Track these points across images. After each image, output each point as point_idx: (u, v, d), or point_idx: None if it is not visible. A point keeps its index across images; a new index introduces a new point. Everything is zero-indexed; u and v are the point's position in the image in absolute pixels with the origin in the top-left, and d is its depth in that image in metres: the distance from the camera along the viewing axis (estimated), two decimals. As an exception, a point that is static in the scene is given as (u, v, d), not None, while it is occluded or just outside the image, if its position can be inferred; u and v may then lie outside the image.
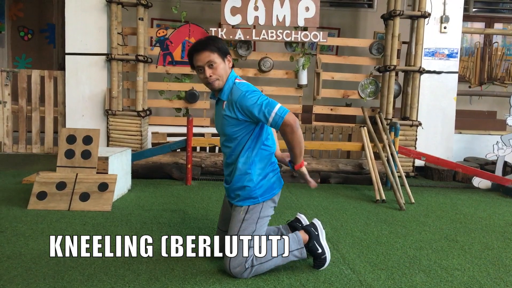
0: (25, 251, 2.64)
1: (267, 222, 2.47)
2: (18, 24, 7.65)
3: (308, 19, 5.41)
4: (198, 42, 2.38)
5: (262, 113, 2.25)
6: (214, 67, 2.35)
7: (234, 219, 2.41)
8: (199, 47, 2.35)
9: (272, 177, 2.47)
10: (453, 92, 5.59)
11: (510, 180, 4.71)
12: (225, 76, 2.39)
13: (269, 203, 2.45)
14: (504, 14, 7.95)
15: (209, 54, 2.34)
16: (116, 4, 5.26)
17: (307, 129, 5.62)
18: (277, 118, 2.23)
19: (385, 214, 3.77)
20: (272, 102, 2.28)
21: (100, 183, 3.66)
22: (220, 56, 2.36)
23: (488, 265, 2.69)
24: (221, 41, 2.42)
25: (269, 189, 2.44)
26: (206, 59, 2.34)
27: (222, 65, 2.36)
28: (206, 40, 2.38)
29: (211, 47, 2.34)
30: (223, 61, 2.37)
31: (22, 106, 5.80)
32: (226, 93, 2.38)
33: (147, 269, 2.44)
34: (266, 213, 2.43)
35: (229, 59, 2.41)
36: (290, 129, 2.24)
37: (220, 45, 2.37)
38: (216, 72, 2.35)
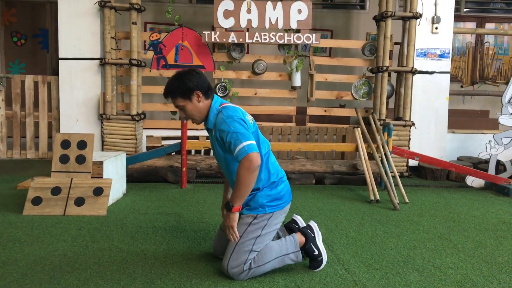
0: (21, 257, 2.65)
1: (275, 230, 2.49)
2: (11, 29, 7.64)
3: (300, 21, 5.43)
4: (164, 88, 2.44)
5: (232, 141, 2.26)
6: (184, 109, 2.43)
7: (241, 222, 2.42)
8: (164, 95, 2.45)
9: (280, 186, 2.48)
10: (446, 92, 5.63)
11: (503, 179, 4.75)
12: (199, 112, 2.43)
13: (280, 212, 2.47)
14: (495, 14, 8.02)
15: (174, 100, 2.42)
16: (109, 8, 5.27)
17: (301, 130, 5.65)
18: (242, 151, 2.22)
19: (380, 214, 3.79)
20: (247, 136, 2.27)
21: (95, 187, 3.67)
22: (184, 99, 2.39)
23: (481, 263, 2.72)
24: (184, 79, 2.39)
25: (278, 199, 2.45)
26: (175, 104, 2.44)
27: (189, 105, 2.40)
28: (168, 87, 2.42)
29: (173, 94, 2.40)
30: (189, 101, 2.39)
31: (16, 112, 5.79)
32: (212, 121, 2.43)
33: (143, 273, 2.45)
34: (275, 221, 2.46)
35: (198, 94, 2.39)
36: (248, 165, 2.21)
37: (180, 88, 2.38)
38: (186, 114, 2.44)
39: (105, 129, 5.39)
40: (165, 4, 6.97)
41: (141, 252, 2.76)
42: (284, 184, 2.52)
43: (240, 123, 2.32)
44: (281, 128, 5.64)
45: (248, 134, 2.29)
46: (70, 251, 2.75)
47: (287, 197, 2.52)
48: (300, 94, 6.18)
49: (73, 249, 2.78)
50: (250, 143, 2.24)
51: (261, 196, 2.42)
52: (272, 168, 2.49)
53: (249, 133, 2.31)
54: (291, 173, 5.00)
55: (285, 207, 2.50)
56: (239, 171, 2.24)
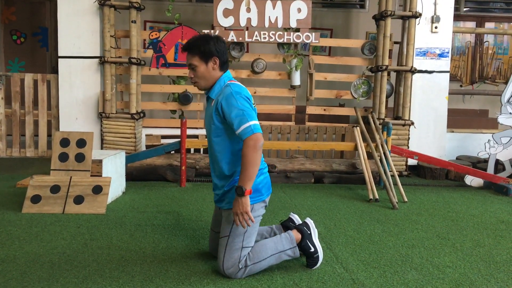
0: (20, 255, 2.65)
1: (259, 221, 2.48)
2: (11, 27, 7.63)
3: (300, 20, 5.43)
4: (186, 42, 2.43)
5: (238, 118, 2.25)
6: (194, 69, 2.40)
7: (225, 221, 2.42)
8: (184, 47, 2.42)
9: (259, 178, 2.44)
10: (445, 91, 5.64)
11: (501, 178, 4.76)
12: (207, 79, 2.42)
13: (260, 204, 2.46)
14: (495, 13, 8.02)
15: (190, 57, 2.40)
16: (109, 7, 5.26)
17: (300, 129, 5.65)
18: (248, 130, 2.23)
19: (378, 213, 3.80)
20: (253, 115, 2.28)
21: (94, 186, 3.67)
22: (201, 59, 2.38)
23: (479, 262, 2.72)
24: (210, 41, 2.39)
25: (257, 191, 2.42)
26: (188, 61, 2.41)
27: (202, 67, 2.39)
28: (192, 41, 2.41)
29: (193, 50, 2.38)
30: (205, 63, 2.39)
31: (16, 110, 5.79)
32: (215, 91, 2.42)
33: (142, 271, 2.45)
34: (257, 213, 2.44)
35: (215, 61, 2.40)
36: (254, 144, 2.21)
37: (204, 47, 2.37)
38: (196, 75, 2.41)
39: (105, 128, 5.40)
40: (165, 2, 6.98)
41: (140, 250, 2.77)
42: (264, 176, 2.49)
43: (247, 101, 2.33)
44: (281, 127, 5.65)
45: (253, 113, 2.31)
46: (69, 249, 2.75)
47: (266, 190, 2.48)
48: (299, 93, 6.18)
49: (72, 247, 2.79)
50: (255, 123, 2.26)
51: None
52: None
53: (254, 112, 2.33)
54: (290, 172, 5.01)
55: (264, 199, 2.48)
56: (245, 150, 2.22)
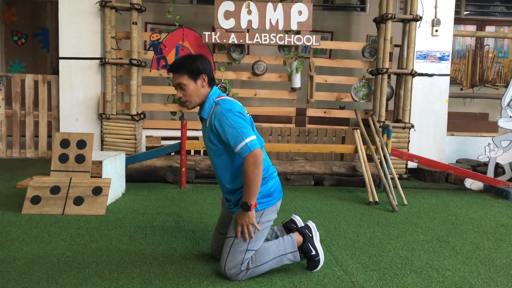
0: (19, 256, 2.65)
1: (268, 226, 2.48)
2: (12, 28, 7.64)
3: (301, 23, 5.44)
4: (172, 63, 2.43)
5: (233, 138, 2.27)
6: (183, 89, 2.40)
7: (235, 222, 2.42)
8: (170, 68, 2.42)
9: (270, 182, 2.46)
10: (445, 95, 5.64)
11: (501, 182, 4.76)
12: (197, 97, 2.42)
13: (271, 209, 2.47)
14: (496, 17, 8.03)
15: (178, 76, 2.40)
16: (110, 8, 5.27)
17: (301, 132, 5.65)
18: (245, 148, 2.25)
19: (378, 215, 3.80)
20: (247, 131, 2.29)
21: (94, 187, 3.67)
22: (190, 78, 2.38)
23: (479, 265, 2.72)
24: (196, 60, 2.40)
25: (268, 196, 2.44)
26: (176, 81, 2.41)
27: (191, 86, 2.39)
28: (179, 61, 2.41)
29: (181, 70, 2.38)
30: (194, 82, 2.39)
31: (16, 111, 5.80)
32: (207, 111, 2.43)
33: (141, 272, 2.45)
34: (268, 218, 2.46)
35: (204, 78, 2.40)
36: (254, 161, 2.24)
37: (191, 66, 2.37)
38: (185, 94, 2.41)
39: (105, 129, 5.40)
40: (166, 4, 6.98)
41: (140, 251, 2.77)
42: (274, 181, 2.50)
43: (239, 116, 2.33)
44: (281, 129, 5.65)
45: (248, 129, 2.30)
46: (68, 250, 2.75)
47: (277, 194, 2.51)
48: (300, 95, 6.19)
49: (71, 248, 2.79)
50: (252, 139, 2.27)
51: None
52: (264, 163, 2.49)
53: (249, 127, 2.33)
54: (291, 174, 5.01)
55: (275, 204, 2.49)
56: (246, 168, 2.25)
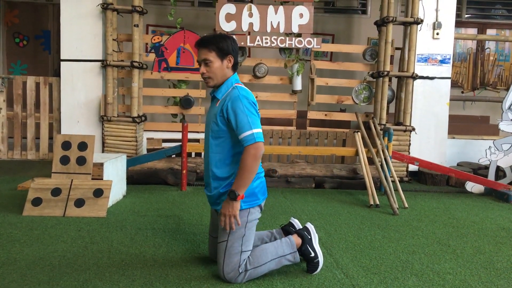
0: (20, 257, 2.65)
1: (255, 224, 2.47)
2: (13, 30, 7.66)
3: (302, 26, 5.45)
4: (202, 38, 2.44)
5: (242, 123, 2.27)
6: (208, 65, 2.40)
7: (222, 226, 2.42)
8: (200, 43, 2.42)
9: (256, 182, 2.44)
10: (446, 98, 5.64)
11: (502, 185, 4.76)
12: (220, 76, 2.42)
13: (256, 208, 2.46)
14: (497, 20, 8.03)
15: (206, 52, 2.39)
16: (112, 10, 5.28)
17: (301, 134, 5.66)
18: (250, 138, 2.25)
19: (379, 218, 3.80)
20: (257, 122, 2.30)
21: (95, 189, 3.67)
22: (217, 56, 2.39)
23: (479, 269, 2.72)
24: (227, 39, 2.42)
25: (253, 195, 2.42)
26: (203, 56, 2.40)
27: (217, 64, 2.39)
28: (210, 37, 2.42)
29: (210, 46, 2.38)
30: (220, 60, 2.40)
31: (17, 113, 5.81)
32: (222, 92, 2.42)
33: (142, 275, 2.45)
34: (253, 216, 2.44)
35: (230, 59, 2.43)
36: (255, 153, 2.25)
37: (221, 44, 2.38)
38: (210, 71, 2.40)
39: (106, 131, 5.40)
40: (167, 6, 7.00)
41: (140, 254, 2.77)
42: (260, 181, 2.49)
43: (253, 107, 2.35)
44: (282, 132, 5.65)
45: (257, 120, 2.32)
46: (69, 252, 2.75)
47: (262, 195, 2.49)
48: (300, 98, 6.19)
49: (72, 250, 2.79)
50: (259, 131, 2.28)
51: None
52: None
53: (258, 119, 2.34)
54: (291, 176, 5.01)
55: (260, 204, 2.48)
56: (245, 157, 2.26)
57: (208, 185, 2.53)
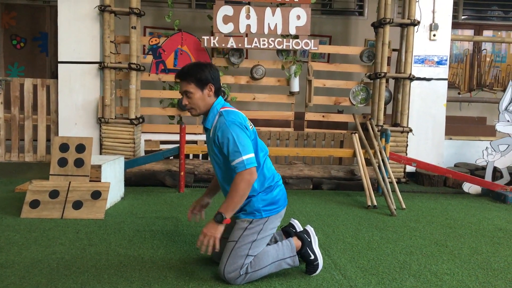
0: (19, 260, 2.65)
1: (271, 234, 2.49)
2: (11, 32, 7.64)
3: (299, 27, 5.46)
4: (181, 70, 2.45)
5: (232, 151, 2.29)
6: (190, 97, 2.42)
7: (237, 226, 2.43)
8: (179, 75, 2.44)
9: (275, 190, 2.48)
10: (443, 99, 5.66)
11: (499, 186, 4.78)
12: (203, 106, 2.44)
13: (276, 216, 2.48)
14: (493, 21, 8.07)
15: (186, 84, 2.41)
16: (109, 12, 5.29)
17: (299, 136, 5.67)
18: (241, 165, 2.27)
19: (376, 219, 3.81)
20: (247, 147, 2.30)
21: (93, 191, 3.68)
22: (197, 86, 2.40)
23: (477, 269, 2.73)
24: (205, 69, 2.42)
25: (273, 204, 2.46)
26: (183, 89, 2.43)
27: (198, 94, 2.41)
28: (188, 69, 2.43)
29: (189, 78, 2.40)
30: (200, 91, 2.41)
31: (15, 115, 5.80)
32: (211, 121, 2.44)
33: (140, 276, 2.45)
34: (272, 225, 2.47)
35: (210, 88, 2.42)
36: (246, 180, 2.26)
37: (199, 75, 2.39)
38: (191, 102, 2.43)
39: (104, 133, 5.40)
40: (165, 8, 7.00)
41: (139, 256, 2.77)
42: (280, 189, 2.53)
43: (242, 130, 2.34)
44: (279, 133, 5.66)
45: (248, 145, 2.31)
46: (67, 254, 2.75)
47: (283, 202, 2.53)
48: (298, 99, 6.20)
49: (70, 252, 2.79)
50: (249, 156, 2.28)
51: (257, 201, 2.42)
52: (268, 172, 2.50)
53: (250, 142, 2.34)
54: (289, 178, 5.02)
55: (280, 212, 2.51)
56: (237, 181, 2.27)
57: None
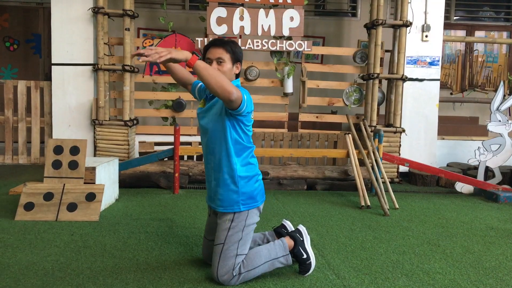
0: (13, 262, 2.65)
1: (253, 229, 2.51)
2: (4, 34, 7.62)
3: (293, 29, 5.49)
4: (219, 39, 2.50)
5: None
6: (221, 64, 2.43)
7: (220, 228, 2.45)
8: (218, 42, 2.47)
9: (256, 184, 2.50)
10: (436, 99, 5.71)
11: (491, 185, 4.82)
12: (228, 77, 2.42)
13: (254, 211, 2.50)
14: (485, 22, 8.14)
15: (223, 51, 2.43)
16: (103, 14, 5.29)
17: (293, 136, 5.69)
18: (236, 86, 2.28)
19: (370, 219, 3.84)
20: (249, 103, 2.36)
21: (88, 193, 3.68)
22: (231, 58, 2.45)
23: (468, 268, 2.76)
24: (239, 48, 2.51)
25: (252, 198, 2.47)
26: (217, 55, 2.43)
27: (229, 65, 2.44)
28: (227, 40, 2.49)
29: (228, 48, 2.44)
30: (232, 64, 2.46)
31: (8, 117, 5.79)
32: None
33: (135, 278, 2.46)
34: (251, 220, 2.48)
35: (238, 66, 2.50)
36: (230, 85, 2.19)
37: (237, 49, 2.47)
38: (221, 69, 2.42)
39: (98, 135, 5.40)
40: (158, 10, 7.01)
41: (134, 257, 2.78)
42: (259, 184, 2.54)
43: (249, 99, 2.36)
44: (273, 134, 5.68)
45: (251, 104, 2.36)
46: (62, 257, 2.76)
47: (261, 197, 2.54)
48: (292, 100, 6.23)
49: (65, 255, 2.80)
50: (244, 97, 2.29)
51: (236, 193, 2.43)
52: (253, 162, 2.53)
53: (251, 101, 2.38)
54: (283, 178, 5.04)
55: (259, 206, 2.53)
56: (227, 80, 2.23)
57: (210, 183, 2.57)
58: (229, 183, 2.45)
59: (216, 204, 2.51)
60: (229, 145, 2.42)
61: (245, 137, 2.48)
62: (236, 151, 2.44)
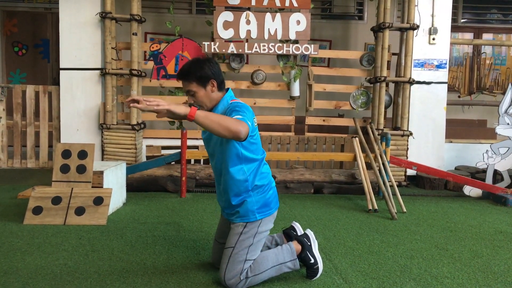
0: (22, 266, 2.67)
1: (265, 236, 2.52)
2: (13, 39, 7.70)
3: (299, 32, 5.49)
4: (180, 69, 2.43)
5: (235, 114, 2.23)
6: (194, 96, 2.41)
7: (232, 232, 2.46)
8: (179, 75, 2.43)
9: (269, 192, 2.50)
10: (443, 102, 5.68)
11: (500, 188, 4.79)
12: (208, 101, 2.41)
13: (269, 218, 2.50)
14: (493, 24, 8.10)
15: (187, 84, 2.40)
16: (110, 19, 5.32)
17: (300, 140, 5.69)
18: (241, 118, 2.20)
19: (377, 223, 3.82)
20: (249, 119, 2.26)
21: (95, 197, 3.70)
22: (199, 85, 2.38)
23: (477, 272, 2.74)
24: (204, 65, 2.39)
25: (267, 205, 2.48)
26: (186, 88, 2.42)
27: (201, 92, 2.39)
28: (186, 68, 2.40)
29: (189, 77, 2.38)
30: (203, 88, 2.39)
31: (17, 121, 5.84)
32: (220, 111, 2.40)
33: (143, 282, 2.47)
34: (264, 228, 2.48)
35: (212, 84, 2.40)
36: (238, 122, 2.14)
37: (199, 73, 2.37)
38: (196, 100, 2.41)
39: (105, 139, 5.43)
40: (165, 14, 7.05)
41: (141, 261, 2.79)
42: (273, 191, 2.55)
43: (249, 114, 2.30)
44: (280, 138, 5.68)
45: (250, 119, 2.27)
46: (70, 261, 2.78)
47: (275, 204, 2.55)
48: (299, 103, 6.23)
49: (73, 259, 2.81)
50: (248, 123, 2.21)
51: (251, 203, 2.43)
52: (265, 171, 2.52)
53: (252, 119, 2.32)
54: (290, 182, 5.03)
55: (273, 213, 2.53)
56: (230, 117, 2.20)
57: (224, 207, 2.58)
58: (241, 199, 2.44)
59: (230, 218, 2.52)
60: (240, 164, 2.41)
61: (254, 148, 2.43)
62: (248, 167, 2.42)
